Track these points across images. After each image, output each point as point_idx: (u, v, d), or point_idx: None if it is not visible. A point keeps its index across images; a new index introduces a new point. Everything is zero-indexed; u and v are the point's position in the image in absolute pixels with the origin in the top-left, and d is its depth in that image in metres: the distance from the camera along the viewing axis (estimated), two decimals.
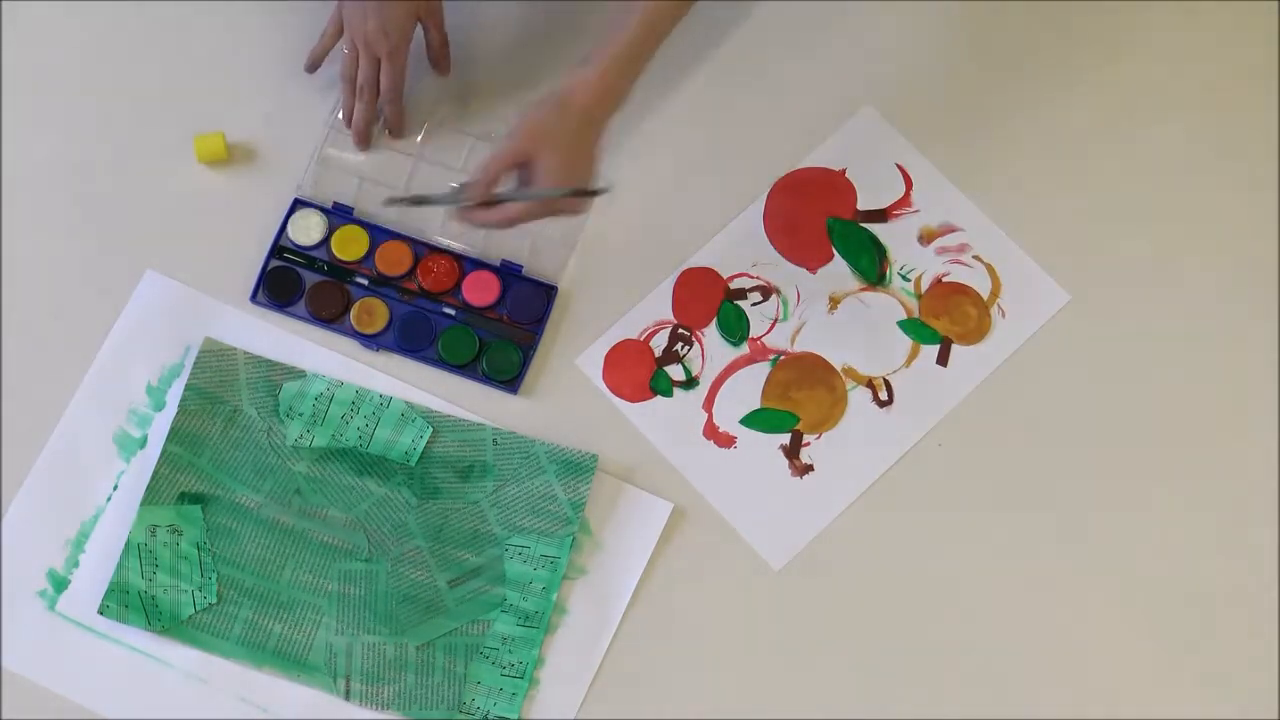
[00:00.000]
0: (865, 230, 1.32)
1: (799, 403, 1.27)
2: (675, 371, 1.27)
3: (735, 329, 1.28)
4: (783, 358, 1.28)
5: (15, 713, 1.15)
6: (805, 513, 1.24)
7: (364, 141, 1.30)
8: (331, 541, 1.20)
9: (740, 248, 1.30)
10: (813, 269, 1.30)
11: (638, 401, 1.25)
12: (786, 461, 1.25)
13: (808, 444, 1.26)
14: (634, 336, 1.27)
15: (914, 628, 1.23)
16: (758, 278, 1.29)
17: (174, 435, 1.21)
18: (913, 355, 1.29)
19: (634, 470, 1.25)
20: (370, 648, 1.17)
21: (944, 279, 1.30)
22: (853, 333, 1.29)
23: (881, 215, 1.32)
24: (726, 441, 1.25)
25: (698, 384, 1.26)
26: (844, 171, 1.33)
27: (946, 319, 1.30)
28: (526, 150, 1.12)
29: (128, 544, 1.19)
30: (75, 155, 1.29)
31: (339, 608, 1.18)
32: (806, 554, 1.24)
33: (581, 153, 1.13)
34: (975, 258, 1.31)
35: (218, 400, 1.23)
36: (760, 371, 1.27)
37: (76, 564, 1.20)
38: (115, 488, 1.21)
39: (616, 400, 1.26)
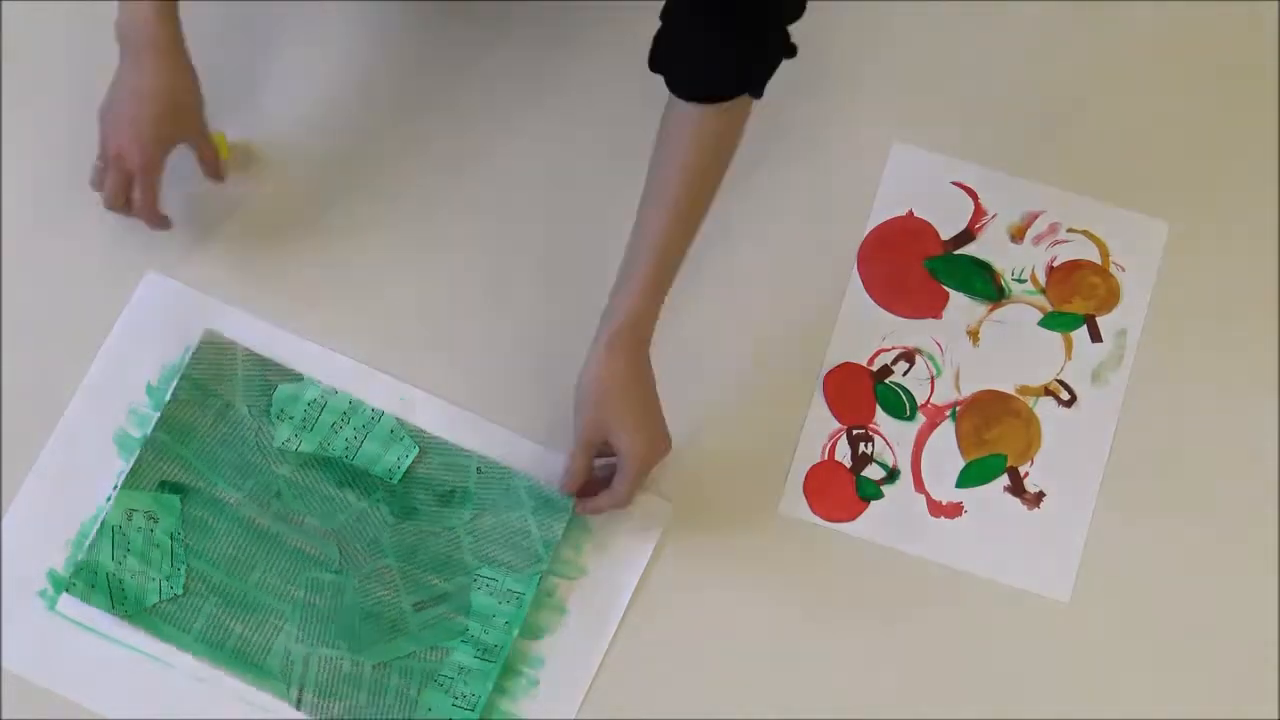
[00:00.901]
0: (962, 256, 1.31)
1: (997, 441, 1.25)
2: (873, 471, 1.25)
3: (901, 405, 1.26)
4: (959, 408, 1.26)
5: (15, 713, 1.18)
6: (1059, 537, 1.23)
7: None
8: (304, 548, 1.23)
9: (862, 328, 1.29)
10: (937, 314, 1.28)
11: (855, 518, 1.24)
12: (1018, 500, 1.24)
13: (1026, 474, 1.24)
14: (818, 460, 1.25)
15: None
16: (894, 348, 1.28)
17: (163, 423, 1.24)
18: (1068, 346, 1.27)
19: None
20: (327, 661, 1.20)
21: (1055, 264, 1.30)
22: (1005, 353, 1.27)
23: (968, 235, 1.31)
24: (954, 511, 1.24)
25: (899, 473, 1.25)
26: (911, 213, 1.31)
27: (1078, 299, 1.29)
28: (596, 432, 1.16)
29: (102, 525, 1.22)
30: (75, 155, 1.27)
31: (302, 616, 1.21)
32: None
33: (648, 401, 1.16)
34: (1070, 231, 1.30)
35: (211, 393, 1.25)
36: (947, 431, 1.26)
37: None
38: (115, 488, 1.23)
39: (835, 526, 1.23)
